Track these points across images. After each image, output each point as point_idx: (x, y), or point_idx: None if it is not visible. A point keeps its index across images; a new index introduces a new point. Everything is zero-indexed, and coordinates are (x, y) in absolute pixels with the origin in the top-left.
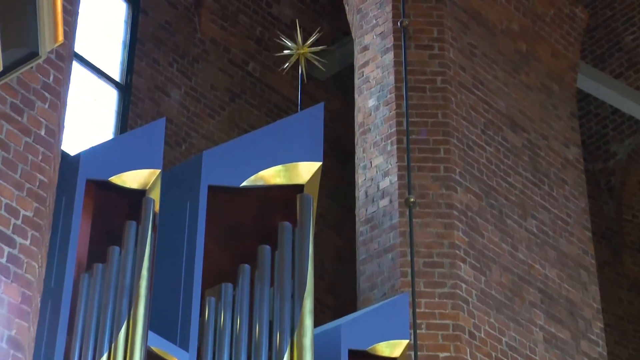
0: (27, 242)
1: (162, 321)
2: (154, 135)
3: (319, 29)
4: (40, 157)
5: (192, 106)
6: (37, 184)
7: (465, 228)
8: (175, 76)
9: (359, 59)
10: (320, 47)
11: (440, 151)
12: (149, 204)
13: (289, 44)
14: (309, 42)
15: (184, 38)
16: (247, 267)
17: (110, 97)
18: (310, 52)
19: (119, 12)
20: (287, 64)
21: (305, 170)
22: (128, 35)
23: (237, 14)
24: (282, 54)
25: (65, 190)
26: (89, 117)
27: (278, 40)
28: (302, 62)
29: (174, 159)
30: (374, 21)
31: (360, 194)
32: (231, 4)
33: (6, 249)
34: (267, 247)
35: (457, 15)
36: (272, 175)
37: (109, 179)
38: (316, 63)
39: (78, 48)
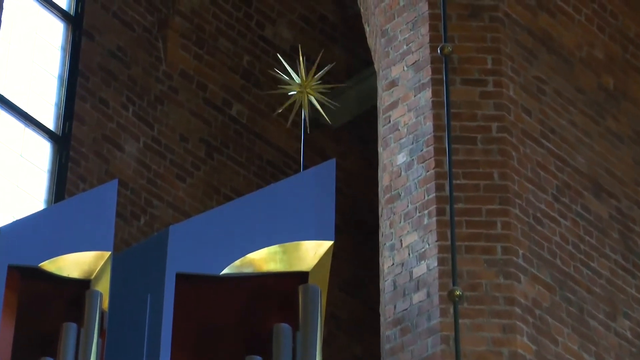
0: None
1: None
2: (102, 204)
3: (327, 57)
4: None
5: (155, 164)
6: None
7: (531, 332)
8: (132, 123)
9: (384, 98)
10: (331, 85)
11: (496, 225)
12: (95, 299)
13: (288, 78)
14: (315, 75)
15: (143, 70)
16: None
17: (41, 152)
18: (317, 90)
19: (55, 36)
20: (285, 106)
21: (311, 253)
22: (67, 67)
23: (216, 38)
24: (278, 91)
25: None
26: (12, 179)
27: (273, 74)
28: (306, 103)
29: (129, 237)
30: (405, 47)
31: (386, 284)
32: (208, 24)
33: None
34: (258, 359)
35: (519, 38)
36: (265, 259)
37: (40, 265)
38: (325, 104)
39: None
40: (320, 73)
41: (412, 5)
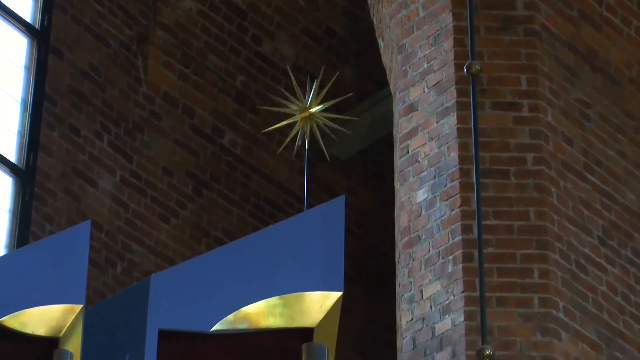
0: None
1: None
2: (72, 249)
3: (336, 76)
4: None
5: (134, 202)
6: None
7: None
8: (107, 154)
9: (401, 125)
10: (339, 113)
11: (533, 273)
12: (64, 359)
13: (289, 102)
14: (321, 99)
15: (120, 93)
16: None
17: (2, 188)
18: (323, 116)
19: (17, 52)
20: (282, 129)
21: (316, 305)
22: (30, 89)
23: (205, 54)
24: (277, 119)
25: None
26: None
27: (271, 97)
28: (309, 131)
29: (104, 288)
30: (426, 65)
31: (404, 343)
32: (196, 39)
33: None
34: None
35: (559, 54)
36: (263, 313)
37: (0, 320)
38: (333, 132)
39: None
40: (327, 96)
41: (434, 16)
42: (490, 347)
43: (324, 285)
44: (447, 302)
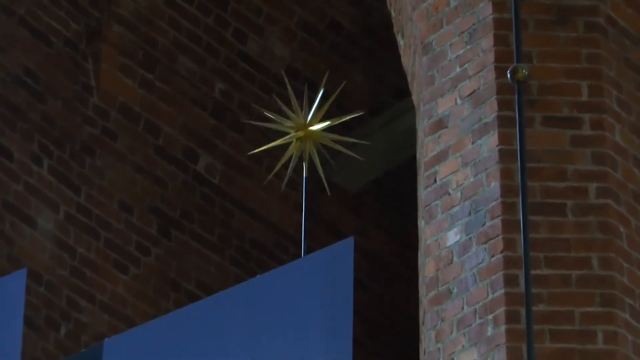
0: None
1: None
2: (4, 306)
3: (343, 84)
4: None
5: (82, 246)
6: None
7: None
8: (47, 183)
9: (427, 146)
10: (347, 117)
11: (596, 337)
12: None
13: (282, 117)
14: (322, 112)
15: (64, 105)
16: None
17: None
18: (325, 135)
19: None
20: (265, 147)
21: None
22: None
23: (174, 55)
24: (268, 141)
25: None
26: None
27: (259, 110)
28: (308, 154)
29: (43, 355)
30: (458, 69)
31: None
32: (162, 35)
33: None
34: None
35: (629, 55)
36: None
37: None
38: (338, 156)
39: None
40: (331, 110)
41: (469, 6)
42: None
43: (328, 353)
44: None
